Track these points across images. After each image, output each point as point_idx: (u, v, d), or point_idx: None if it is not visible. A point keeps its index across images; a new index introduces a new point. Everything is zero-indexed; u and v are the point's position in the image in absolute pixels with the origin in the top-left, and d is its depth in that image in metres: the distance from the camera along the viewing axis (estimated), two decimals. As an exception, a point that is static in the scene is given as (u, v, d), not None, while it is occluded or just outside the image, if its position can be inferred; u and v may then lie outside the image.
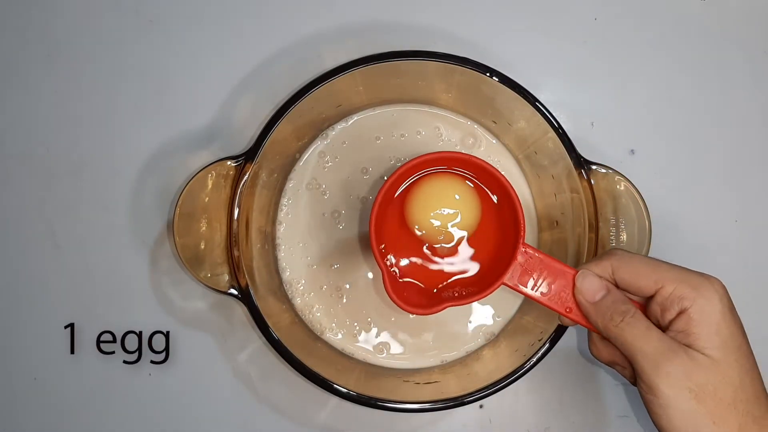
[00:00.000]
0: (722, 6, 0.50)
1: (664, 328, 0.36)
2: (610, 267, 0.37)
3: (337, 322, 0.47)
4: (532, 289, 0.38)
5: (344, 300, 0.47)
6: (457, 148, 0.47)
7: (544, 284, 0.38)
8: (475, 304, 0.47)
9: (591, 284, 0.37)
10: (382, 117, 0.47)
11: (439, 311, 0.39)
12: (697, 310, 0.34)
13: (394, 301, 0.39)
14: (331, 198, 0.47)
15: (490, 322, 0.47)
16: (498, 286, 0.39)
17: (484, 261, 0.42)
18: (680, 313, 0.35)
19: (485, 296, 0.39)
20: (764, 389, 0.35)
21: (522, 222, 0.39)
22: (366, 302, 0.47)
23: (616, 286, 0.37)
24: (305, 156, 0.47)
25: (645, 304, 0.37)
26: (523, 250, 0.39)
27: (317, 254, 0.47)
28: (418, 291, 0.42)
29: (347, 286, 0.47)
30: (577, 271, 0.37)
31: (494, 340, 0.47)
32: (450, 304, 0.39)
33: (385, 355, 0.47)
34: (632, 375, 0.36)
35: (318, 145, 0.47)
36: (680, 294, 0.35)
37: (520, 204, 0.39)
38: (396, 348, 0.47)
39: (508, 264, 0.39)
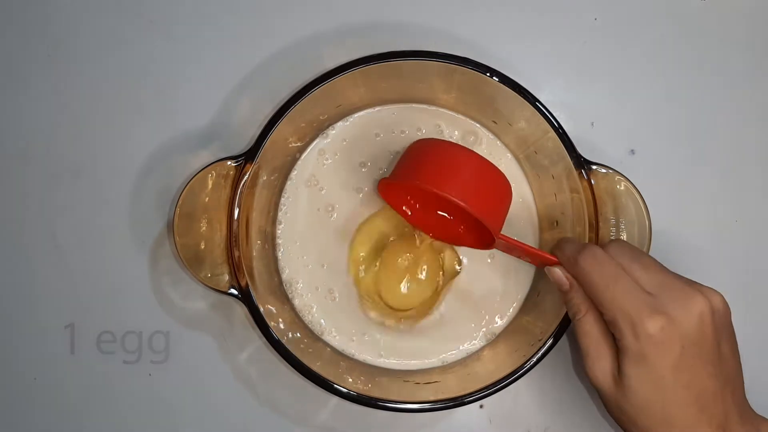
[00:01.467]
0: (722, 6, 0.50)
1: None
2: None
3: (334, 323, 0.47)
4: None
5: (332, 297, 0.47)
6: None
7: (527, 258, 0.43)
8: (476, 304, 0.47)
9: (557, 277, 0.39)
10: (383, 115, 0.48)
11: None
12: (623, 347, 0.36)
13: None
14: (327, 193, 0.47)
15: (491, 322, 0.47)
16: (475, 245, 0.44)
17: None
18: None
19: (461, 245, 0.46)
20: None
21: (487, 224, 0.40)
22: (353, 303, 0.47)
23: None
24: (305, 154, 0.47)
25: None
26: (499, 240, 0.41)
27: (311, 253, 0.47)
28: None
29: (336, 289, 0.47)
30: (554, 259, 0.40)
31: (494, 340, 0.47)
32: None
33: (385, 357, 0.47)
34: None
35: (318, 143, 0.47)
36: (614, 328, 0.37)
37: (478, 211, 0.40)
38: (395, 350, 0.47)
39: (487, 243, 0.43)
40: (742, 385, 0.38)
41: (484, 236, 0.43)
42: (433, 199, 0.45)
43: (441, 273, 0.47)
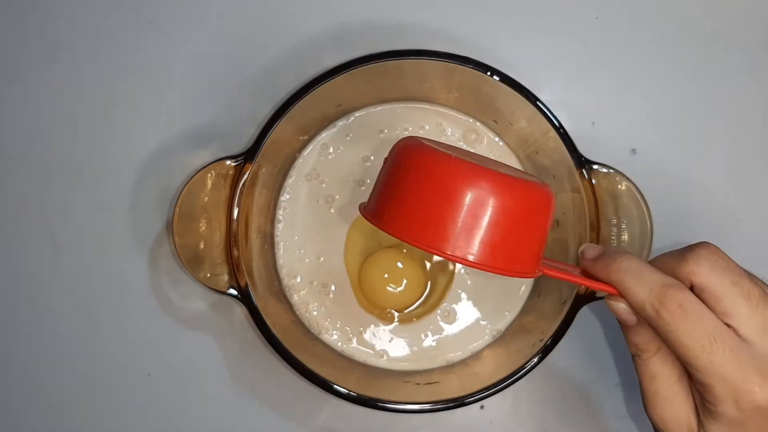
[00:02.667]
0: (723, 5, 0.50)
1: None
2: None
3: (331, 321, 0.47)
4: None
5: (331, 297, 0.47)
6: (460, 144, 0.47)
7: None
8: (479, 302, 0.47)
9: (622, 315, 0.33)
10: (385, 113, 0.47)
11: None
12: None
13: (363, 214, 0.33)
14: (328, 186, 0.47)
15: (494, 322, 0.47)
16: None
17: None
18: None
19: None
20: None
21: (516, 275, 0.31)
22: (353, 303, 0.47)
23: None
24: (307, 150, 0.47)
25: None
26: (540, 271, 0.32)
27: (309, 246, 0.47)
28: None
29: (333, 284, 0.47)
30: (616, 292, 0.33)
31: (494, 340, 0.47)
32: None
33: (385, 357, 0.46)
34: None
35: (321, 138, 0.47)
36: (707, 393, 0.31)
37: (499, 266, 0.30)
38: (396, 350, 0.47)
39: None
40: None
41: None
42: None
43: (427, 275, 0.47)
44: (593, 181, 0.42)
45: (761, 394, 0.29)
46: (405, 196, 0.30)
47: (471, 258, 0.29)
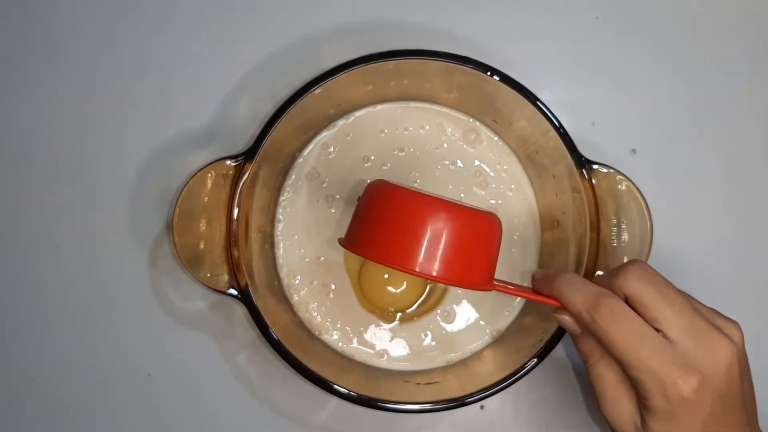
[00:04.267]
0: (723, 5, 0.50)
1: None
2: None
3: (331, 321, 0.47)
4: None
5: (332, 297, 0.47)
6: (460, 144, 0.47)
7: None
8: (479, 302, 0.47)
9: (566, 324, 0.37)
10: (385, 113, 0.47)
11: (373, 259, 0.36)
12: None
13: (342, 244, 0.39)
14: (329, 185, 0.47)
15: (494, 323, 0.47)
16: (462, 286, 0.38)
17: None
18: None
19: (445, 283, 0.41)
20: None
21: (472, 288, 0.37)
22: (353, 303, 0.47)
23: None
24: (308, 149, 0.47)
25: None
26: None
27: (309, 245, 0.47)
28: None
29: (333, 283, 0.47)
30: (559, 305, 0.37)
31: (494, 340, 0.47)
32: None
33: (385, 357, 0.46)
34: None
35: (321, 138, 0.47)
36: (639, 387, 0.34)
37: (455, 279, 0.36)
38: (396, 350, 0.47)
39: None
40: (756, 414, 0.37)
41: None
42: None
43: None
44: (593, 181, 0.42)
45: (684, 387, 0.32)
46: (377, 226, 0.36)
47: (434, 273, 0.35)
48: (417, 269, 0.35)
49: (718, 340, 0.33)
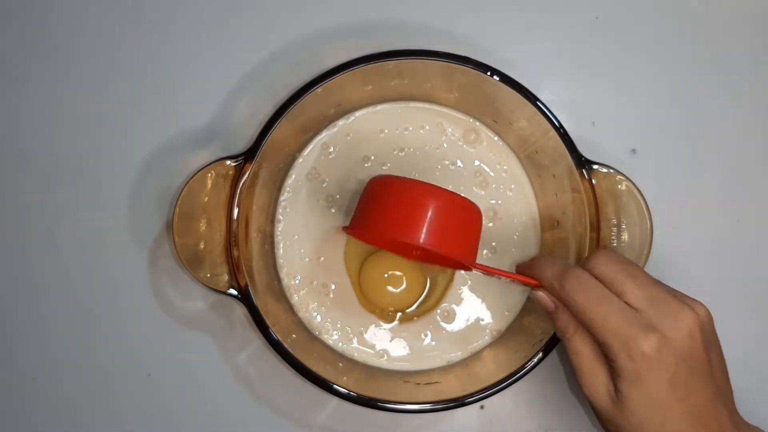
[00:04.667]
0: (723, 5, 0.50)
1: None
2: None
3: (331, 321, 0.47)
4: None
5: (332, 297, 0.47)
6: (460, 144, 0.47)
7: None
8: (479, 302, 0.47)
9: (541, 300, 0.39)
10: (385, 113, 0.48)
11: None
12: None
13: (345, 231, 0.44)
14: (329, 185, 0.47)
15: (494, 322, 0.47)
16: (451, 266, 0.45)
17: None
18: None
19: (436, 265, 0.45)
20: None
21: (459, 259, 0.41)
22: (353, 303, 0.47)
23: None
24: (308, 149, 0.47)
25: None
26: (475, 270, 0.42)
27: (309, 245, 0.47)
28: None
29: (333, 283, 0.47)
30: (535, 283, 0.39)
31: (494, 340, 0.47)
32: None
33: (385, 357, 0.46)
34: None
35: (321, 138, 0.47)
36: (606, 349, 0.36)
37: (445, 249, 0.40)
38: (396, 350, 0.47)
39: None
40: (731, 393, 0.38)
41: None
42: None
43: (426, 275, 0.47)
44: (593, 181, 0.42)
45: (645, 344, 0.34)
46: (381, 207, 0.41)
47: (429, 245, 0.39)
48: (420, 240, 0.39)
49: (680, 307, 0.35)
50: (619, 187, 0.43)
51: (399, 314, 0.47)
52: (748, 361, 0.38)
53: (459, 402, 0.41)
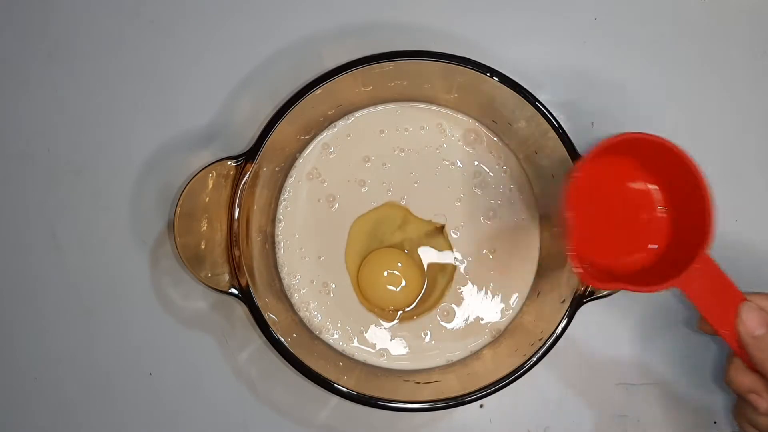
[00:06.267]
0: (722, 5, 0.50)
1: None
2: None
3: (332, 321, 0.47)
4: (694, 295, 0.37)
5: (332, 296, 0.47)
6: (459, 144, 0.47)
7: (706, 293, 0.38)
8: (479, 301, 0.47)
9: (754, 318, 0.36)
10: (385, 114, 0.48)
11: (613, 288, 0.39)
12: None
13: (576, 265, 0.38)
14: (329, 185, 0.47)
15: (494, 321, 0.47)
16: (669, 286, 0.38)
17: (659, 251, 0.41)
18: None
19: (657, 290, 0.38)
20: None
21: (710, 225, 0.37)
22: (353, 302, 0.47)
23: None
24: (308, 149, 0.47)
25: None
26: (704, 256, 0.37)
27: (309, 245, 0.47)
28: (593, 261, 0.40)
29: (333, 282, 0.47)
30: (744, 299, 0.37)
31: (494, 340, 0.47)
32: (624, 286, 0.37)
33: (385, 356, 0.47)
34: None
35: (322, 138, 0.47)
36: None
37: (711, 205, 0.36)
38: (396, 350, 0.47)
39: (683, 265, 0.37)
40: None
41: (670, 263, 0.40)
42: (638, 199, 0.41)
43: (424, 273, 0.47)
44: (593, 181, 0.42)
45: None
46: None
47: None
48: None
49: None
50: (619, 187, 0.43)
51: (399, 313, 0.47)
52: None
53: (459, 401, 0.41)
